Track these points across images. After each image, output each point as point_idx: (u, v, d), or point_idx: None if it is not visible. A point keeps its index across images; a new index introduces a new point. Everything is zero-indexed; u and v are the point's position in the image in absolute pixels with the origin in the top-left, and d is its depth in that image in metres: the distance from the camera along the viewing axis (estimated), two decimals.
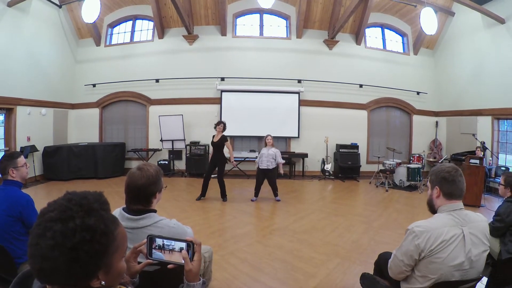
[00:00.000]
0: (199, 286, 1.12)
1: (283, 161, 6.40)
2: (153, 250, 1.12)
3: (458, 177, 1.71)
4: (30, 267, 0.73)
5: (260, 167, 6.22)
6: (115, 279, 0.84)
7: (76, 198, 0.77)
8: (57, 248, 0.68)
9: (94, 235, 0.72)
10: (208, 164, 6.28)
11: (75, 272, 0.71)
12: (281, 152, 8.58)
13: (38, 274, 0.71)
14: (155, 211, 1.69)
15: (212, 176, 6.30)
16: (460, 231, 1.61)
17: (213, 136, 6.23)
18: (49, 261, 0.68)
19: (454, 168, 1.75)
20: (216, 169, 6.22)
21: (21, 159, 2.44)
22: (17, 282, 0.83)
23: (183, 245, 1.11)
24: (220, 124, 6.17)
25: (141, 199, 1.63)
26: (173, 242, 1.12)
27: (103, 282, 0.77)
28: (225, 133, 6.25)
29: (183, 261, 1.09)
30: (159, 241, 1.12)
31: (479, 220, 1.70)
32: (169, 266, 1.12)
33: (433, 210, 1.82)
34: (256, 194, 6.36)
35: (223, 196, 6.25)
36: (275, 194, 6.37)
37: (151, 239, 1.13)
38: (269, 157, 6.16)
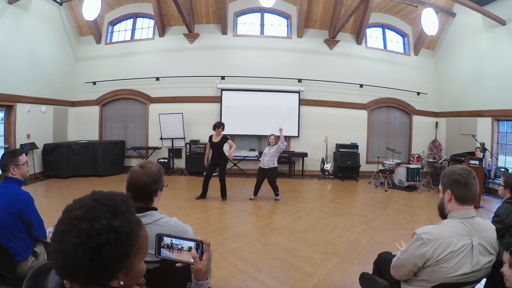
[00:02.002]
0: (207, 285, 1.14)
1: (285, 144, 6.34)
2: (161, 249, 1.13)
3: (471, 179, 1.61)
4: (52, 262, 0.74)
5: (261, 166, 6.24)
6: (133, 280, 0.84)
7: (103, 199, 0.77)
8: (81, 247, 0.68)
9: (119, 237, 0.73)
10: (208, 164, 6.21)
11: (96, 272, 0.71)
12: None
13: (59, 270, 0.72)
14: (156, 209, 1.70)
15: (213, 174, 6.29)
16: (469, 242, 1.55)
17: (211, 136, 6.15)
18: (71, 259, 0.68)
19: (467, 170, 1.65)
20: (217, 168, 6.20)
21: (23, 157, 2.43)
22: (31, 276, 0.83)
23: (192, 244, 1.12)
24: (221, 126, 6.13)
25: (142, 197, 1.63)
26: (182, 241, 1.12)
27: (121, 283, 0.77)
28: (226, 132, 6.25)
29: (192, 260, 1.10)
30: (167, 240, 1.13)
31: (489, 229, 1.64)
32: (178, 264, 1.13)
33: (443, 214, 1.72)
34: (255, 193, 6.37)
35: (223, 195, 6.25)
36: (276, 194, 6.37)
37: (159, 237, 1.13)
38: (270, 155, 6.16)
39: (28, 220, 2.29)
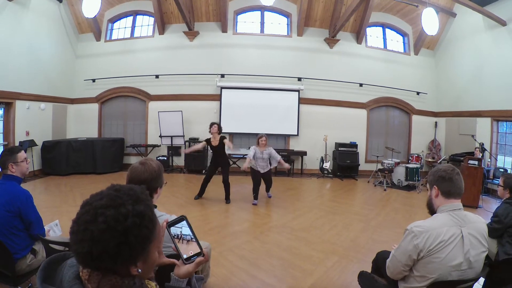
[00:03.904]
0: (184, 283, 1.15)
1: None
2: (172, 229, 1.14)
3: (455, 175, 1.72)
4: (75, 253, 0.76)
5: (255, 169, 5.91)
6: (149, 269, 0.89)
7: (123, 189, 0.82)
8: (109, 231, 0.72)
9: (143, 220, 0.78)
10: (209, 165, 5.97)
11: (122, 255, 0.75)
12: (280, 150, 8.37)
13: (85, 258, 0.74)
14: (155, 206, 1.69)
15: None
16: (459, 231, 1.61)
17: (208, 139, 5.89)
18: (99, 244, 0.72)
19: (451, 167, 1.77)
20: (219, 170, 6.08)
21: (22, 154, 2.42)
22: (44, 267, 0.86)
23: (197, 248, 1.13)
24: (214, 125, 5.86)
25: None
26: (191, 235, 1.14)
27: (139, 270, 0.82)
28: (225, 130, 6.16)
29: (184, 256, 1.11)
30: (176, 230, 1.13)
31: (478, 221, 1.71)
32: (173, 247, 1.14)
33: (432, 211, 1.81)
34: (256, 197, 5.98)
35: (227, 197, 6.01)
36: (268, 190, 6.22)
37: (181, 219, 1.15)
38: (265, 161, 5.88)
39: (27, 218, 2.29)
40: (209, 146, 6.02)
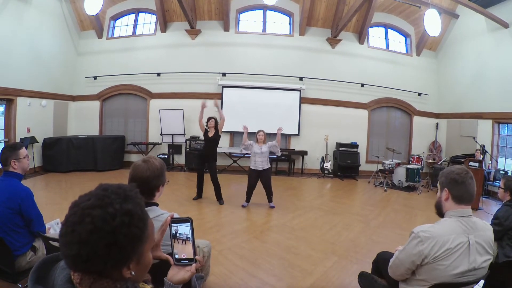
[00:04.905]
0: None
1: (279, 150, 5.73)
2: (173, 227, 1.10)
3: (468, 179, 1.65)
4: (64, 256, 0.74)
5: (252, 168, 5.59)
6: (143, 271, 0.86)
7: (111, 188, 0.79)
8: (97, 232, 0.70)
9: (132, 219, 0.75)
10: (197, 161, 5.79)
11: (112, 256, 0.72)
12: (281, 149, 8.23)
13: (74, 261, 0.72)
14: (157, 204, 1.70)
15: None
16: (466, 240, 1.57)
17: (206, 131, 5.84)
18: (88, 245, 0.69)
19: (464, 170, 1.69)
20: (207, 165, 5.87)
21: (23, 151, 2.42)
22: (37, 268, 0.84)
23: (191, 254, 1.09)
24: (211, 120, 5.83)
25: (144, 191, 1.62)
26: (188, 236, 1.08)
27: (133, 273, 0.79)
28: (225, 128, 6.07)
29: (177, 256, 1.07)
30: (177, 229, 1.09)
31: (486, 229, 1.66)
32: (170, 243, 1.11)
33: (441, 213, 1.75)
34: (248, 199, 5.72)
35: (219, 198, 5.84)
36: (270, 199, 5.70)
37: (186, 221, 1.10)
38: (263, 156, 5.53)
39: (27, 215, 2.29)
40: (204, 137, 5.92)
